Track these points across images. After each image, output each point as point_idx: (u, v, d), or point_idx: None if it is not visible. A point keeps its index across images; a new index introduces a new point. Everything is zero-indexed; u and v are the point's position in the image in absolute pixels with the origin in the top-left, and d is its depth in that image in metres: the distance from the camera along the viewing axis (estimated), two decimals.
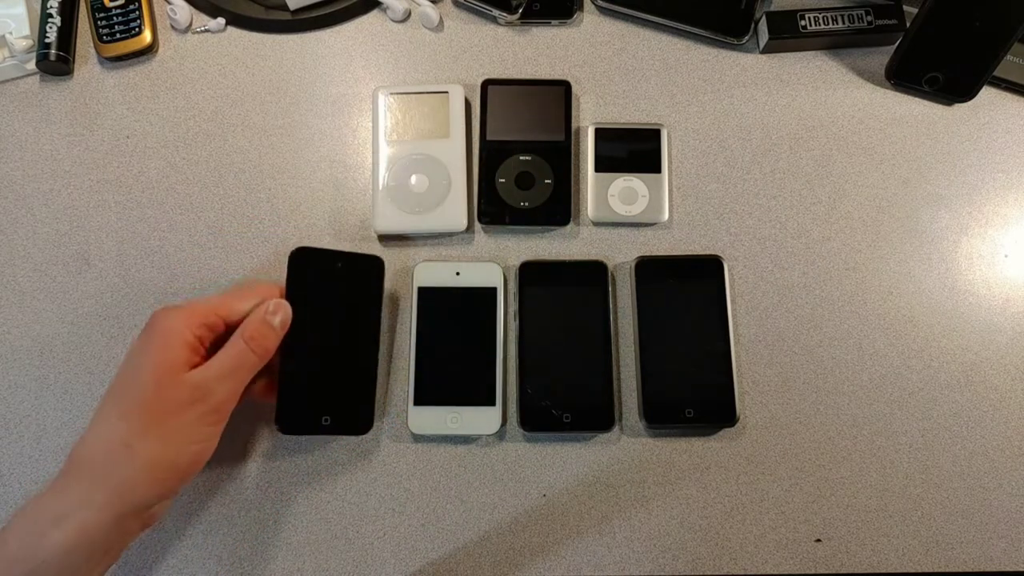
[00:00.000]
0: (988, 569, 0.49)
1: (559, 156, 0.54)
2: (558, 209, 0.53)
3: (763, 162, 0.55)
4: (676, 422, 0.50)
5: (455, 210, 0.53)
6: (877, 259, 0.53)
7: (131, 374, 0.41)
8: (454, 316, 0.51)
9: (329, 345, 0.48)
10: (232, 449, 0.51)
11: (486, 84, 0.55)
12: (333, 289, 0.49)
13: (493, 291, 0.51)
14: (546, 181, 0.54)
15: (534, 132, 0.55)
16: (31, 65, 0.57)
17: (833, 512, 0.49)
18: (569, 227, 0.54)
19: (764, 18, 0.56)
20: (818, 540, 0.49)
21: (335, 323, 0.49)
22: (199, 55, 0.58)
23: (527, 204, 0.53)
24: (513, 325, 0.51)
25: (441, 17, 0.58)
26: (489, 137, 0.55)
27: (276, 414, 0.47)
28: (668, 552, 0.49)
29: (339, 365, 0.48)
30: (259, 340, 0.44)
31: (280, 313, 0.45)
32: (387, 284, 0.51)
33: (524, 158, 0.54)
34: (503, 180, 0.54)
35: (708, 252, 0.53)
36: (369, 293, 0.50)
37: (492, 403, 0.50)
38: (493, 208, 0.53)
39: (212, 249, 0.54)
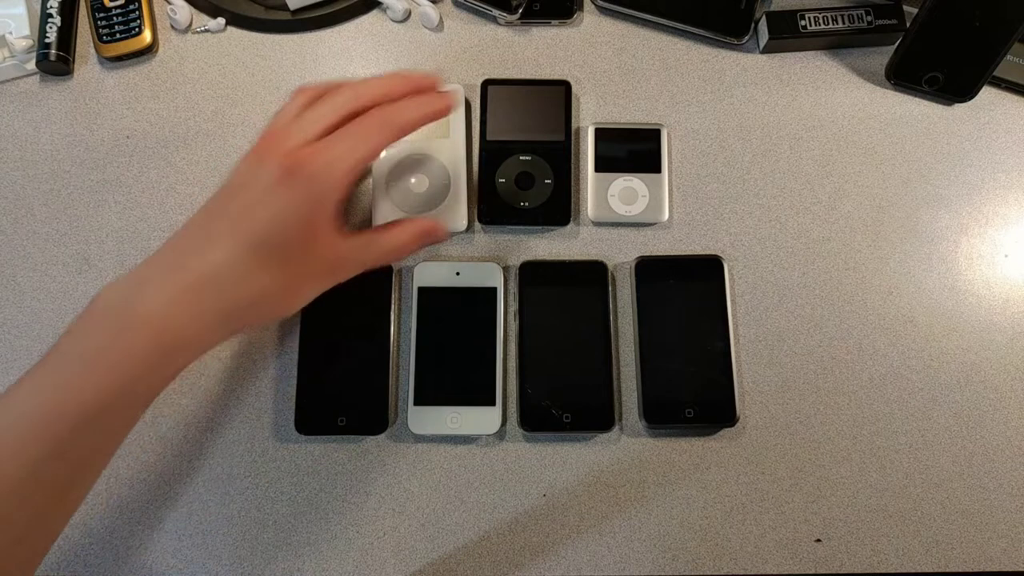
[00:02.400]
0: (988, 569, 0.49)
1: (559, 156, 0.54)
2: (558, 209, 0.53)
3: (763, 162, 0.55)
4: (676, 422, 0.50)
5: (455, 210, 0.53)
6: (877, 259, 0.53)
7: (278, 224, 0.39)
8: (454, 316, 0.51)
9: (343, 348, 0.51)
10: (232, 449, 0.51)
11: (486, 84, 0.55)
12: (346, 295, 0.50)
13: (493, 291, 0.51)
14: (546, 181, 0.54)
15: (534, 132, 0.54)
16: (31, 65, 0.57)
17: (833, 512, 0.50)
18: (569, 227, 0.54)
19: (764, 18, 0.56)
20: (818, 540, 0.49)
21: (348, 327, 0.51)
22: (199, 55, 0.58)
23: (527, 204, 0.53)
24: (513, 325, 0.51)
25: (441, 17, 0.58)
26: (489, 137, 0.55)
27: (295, 416, 0.50)
28: (668, 552, 0.49)
29: (353, 367, 0.50)
30: (400, 255, 0.47)
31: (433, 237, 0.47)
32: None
33: (524, 158, 0.54)
34: (503, 180, 0.54)
35: (708, 252, 0.53)
36: (380, 298, 0.52)
37: (492, 403, 0.50)
38: (493, 208, 0.53)
39: None
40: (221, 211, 0.40)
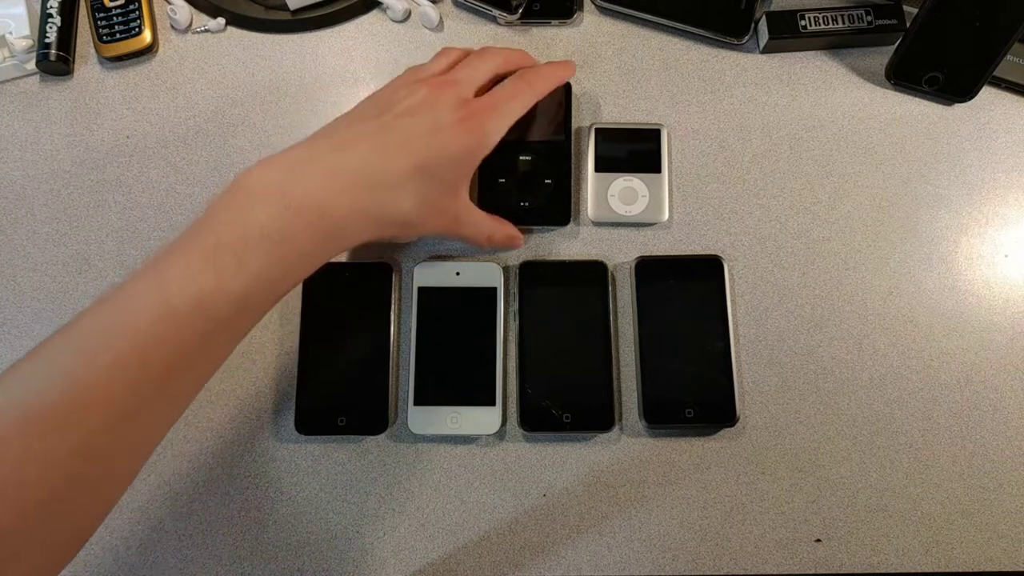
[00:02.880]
0: (988, 569, 0.49)
1: (559, 156, 0.54)
2: (558, 209, 0.53)
3: (763, 162, 0.55)
4: (676, 422, 0.50)
5: None
6: (877, 259, 0.53)
7: (445, 158, 0.42)
8: (454, 316, 0.51)
9: (343, 348, 0.51)
10: (232, 449, 0.51)
11: None
12: (346, 296, 0.52)
13: (493, 291, 0.51)
14: (546, 181, 0.54)
15: (534, 132, 0.54)
16: (31, 65, 0.57)
17: (833, 512, 0.49)
18: (569, 227, 0.54)
19: (764, 18, 0.56)
20: (818, 540, 0.49)
21: (348, 327, 0.51)
22: (199, 55, 0.58)
23: (527, 204, 0.53)
24: (513, 325, 0.51)
25: (441, 17, 0.58)
26: None
27: (295, 416, 0.50)
28: (668, 552, 0.49)
29: (353, 367, 0.51)
30: (488, 244, 0.50)
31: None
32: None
33: (524, 158, 0.54)
34: (503, 181, 0.54)
35: (708, 252, 0.53)
36: (380, 298, 0.52)
37: (492, 403, 0.50)
38: (493, 209, 0.53)
39: None
40: (389, 126, 0.42)
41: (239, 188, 0.38)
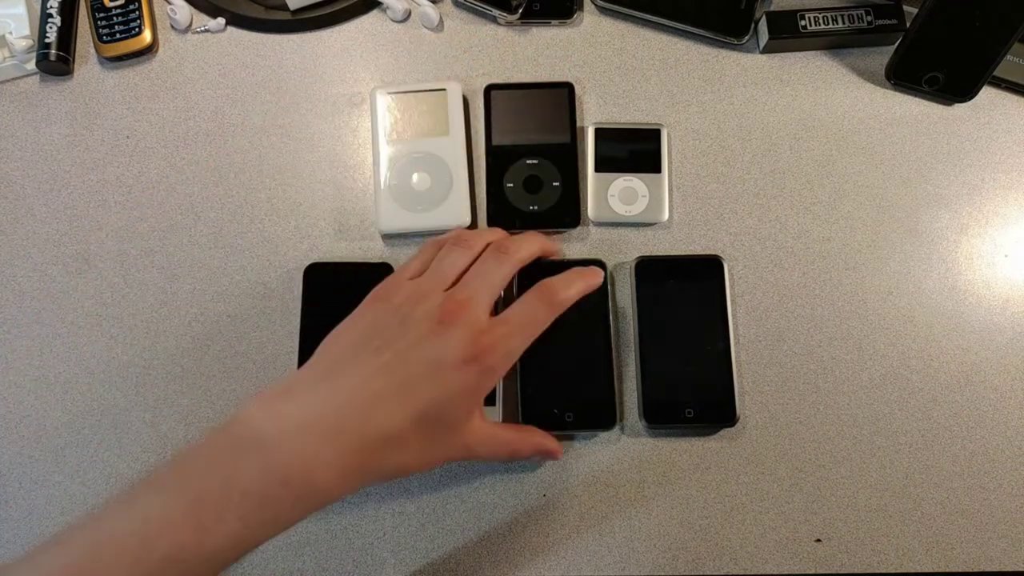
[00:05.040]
0: (988, 569, 0.49)
1: (566, 158, 0.54)
2: (567, 211, 0.53)
3: (763, 162, 0.55)
4: (676, 422, 0.50)
5: (458, 207, 0.53)
6: (877, 259, 0.53)
7: (447, 403, 0.40)
8: None
9: None
10: None
11: (489, 89, 0.55)
12: (347, 296, 0.51)
13: None
14: (554, 184, 0.54)
15: (540, 135, 0.54)
16: (31, 65, 0.57)
17: (833, 512, 0.49)
18: (578, 229, 0.54)
19: (764, 18, 0.56)
20: (818, 540, 0.49)
21: None
22: (199, 55, 0.58)
23: (536, 208, 0.53)
24: None
25: (441, 17, 0.58)
26: (495, 142, 0.54)
27: None
28: (668, 552, 0.49)
29: None
30: (513, 459, 0.48)
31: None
32: None
33: (531, 162, 0.54)
34: (511, 185, 0.54)
35: (708, 252, 0.53)
36: None
37: (492, 403, 0.50)
38: (503, 214, 0.53)
39: (212, 249, 0.54)
40: (388, 368, 0.40)
41: (229, 432, 0.37)
